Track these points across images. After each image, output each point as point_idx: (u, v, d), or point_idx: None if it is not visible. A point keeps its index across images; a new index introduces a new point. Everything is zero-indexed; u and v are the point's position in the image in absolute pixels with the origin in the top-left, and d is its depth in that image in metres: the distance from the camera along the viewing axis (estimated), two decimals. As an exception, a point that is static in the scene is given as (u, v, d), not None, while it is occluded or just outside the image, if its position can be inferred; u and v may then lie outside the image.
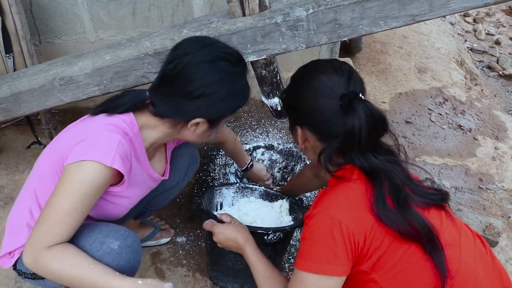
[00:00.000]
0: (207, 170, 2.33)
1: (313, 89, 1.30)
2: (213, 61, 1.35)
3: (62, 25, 2.60)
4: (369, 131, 1.22)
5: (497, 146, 2.95)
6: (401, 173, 1.24)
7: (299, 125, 1.38)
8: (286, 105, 1.45)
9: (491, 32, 5.45)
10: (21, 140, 2.70)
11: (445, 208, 1.29)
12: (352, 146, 1.24)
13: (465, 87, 3.65)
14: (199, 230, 2.19)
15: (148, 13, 2.58)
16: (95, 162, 1.26)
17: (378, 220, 1.17)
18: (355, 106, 1.21)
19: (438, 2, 1.61)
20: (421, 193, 1.26)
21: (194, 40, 1.42)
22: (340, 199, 1.22)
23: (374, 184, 1.22)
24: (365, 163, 1.24)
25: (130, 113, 1.41)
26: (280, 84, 1.90)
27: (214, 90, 1.35)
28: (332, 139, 1.27)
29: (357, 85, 1.30)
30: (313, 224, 1.21)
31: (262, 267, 1.45)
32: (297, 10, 1.64)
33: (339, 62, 1.35)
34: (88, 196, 1.27)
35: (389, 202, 1.19)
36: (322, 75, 1.29)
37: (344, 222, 1.16)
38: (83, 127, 1.41)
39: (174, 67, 1.35)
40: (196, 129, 1.43)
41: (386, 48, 3.96)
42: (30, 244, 1.25)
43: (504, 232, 2.30)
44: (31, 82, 1.89)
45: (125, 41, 1.85)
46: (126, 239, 1.35)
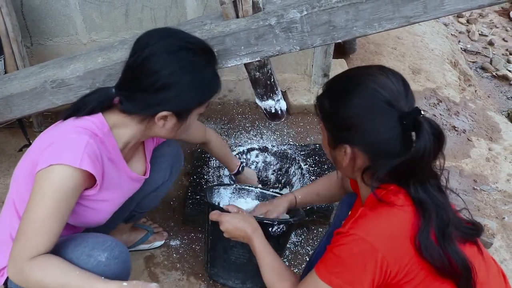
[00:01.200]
0: (201, 173, 2.32)
1: (372, 105, 1.15)
2: (173, 52, 1.31)
3: (54, 26, 2.58)
4: (435, 152, 1.12)
5: (491, 147, 2.96)
6: (448, 207, 1.16)
7: (348, 144, 1.22)
8: (329, 120, 1.27)
9: (484, 33, 5.47)
10: (12, 143, 2.67)
11: (477, 243, 1.22)
12: (413, 171, 1.13)
13: (459, 88, 3.66)
14: (193, 233, 2.17)
15: (141, 15, 2.57)
16: (63, 165, 1.23)
17: (419, 253, 1.10)
18: (423, 125, 1.09)
19: (433, 4, 1.61)
20: (460, 228, 1.17)
21: (155, 31, 1.38)
22: (381, 225, 1.13)
23: (422, 215, 1.12)
24: (421, 194, 1.13)
25: (99, 114, 1.37)
26: (274, 86, 1.89)
27: (176, 81, 1.31)
28: (386, 158, 1.15)
29: (413, 97, 1.19)
30: (347, 244, 1.13)
31: (270, 258, 1.41)
32: (291, 12, 1.63)
33: (391, 70, 1.21)
34: (62, 202, 1.24)
35: (433, 236, 1.10)
36: (380, 89, 1.15)
37: (381, 251, 1.09)
38: (51, 132, 1.37)
39: (134, 60, 1.32)
40: (165, 124, 1.39)
41: (380, 49, 3.96)
42: (12, 258, 1.23)
43: (498, 234, 2.30)
44: (23, 85, 1.86)
45: (117, 43, 1.83)
46: (113, 250, 1.33)
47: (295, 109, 2.99)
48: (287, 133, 2.83)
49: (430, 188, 1.14)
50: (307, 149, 2.50)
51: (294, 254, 2.09)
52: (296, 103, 2.98)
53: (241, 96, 3.08)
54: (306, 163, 2.39)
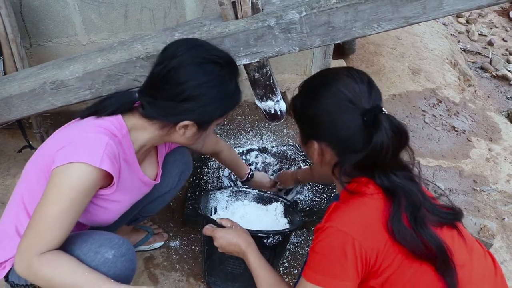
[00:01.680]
0: (200, 174, 2.32)
1: (335, 103, 1.23)
2: (200, 64, 1.32)
3: (53, 27, 2.57)
4: (394, 147, 1.18)
5: (491, 148, 2.95)
6: (419, 192, 1.21)
7: (315, 140, 1.31)
8: (300, 118, 1.37)
9: (484, 33, 5.46)
10: (12, 144, 2.67)
11: (457, 227, 1.25)
12: (375, 163, 1.19)
13: (459, 88, 3.66)
14: (192, 234, 2.17)
15: (140, 16, 2.56)
16: (83, 163, 1.23)
17: (392, 238, 1.14)
18: (381, 122, 1.17)
19: (432, 4, 1.61)
20: (435, 212, 1.22)
21: (183, 42, 1.40)
22: (354, 215, 1.18)
23: (392, 201, 1.18)
24: (386, 182, 1.20)
25: (119, 115, 1.39)
26: (273, 86, 1.89)
27: (201, 93, 1.33)
28: (351, 153, 1.22)
29: (378, 96, 1.25)
30: (325, 238, 1.18)
31: (265, 273, 1.41)
32: (290, 13, 1.63)
33: (357, 71, 1.29)
34: (78, 200, 1.25)
35: (405, 220, 1.15)
36: (343, 87, 1.23)
37: (357, 239, 1.13)
38: (70, 130, 1.38)
39: (162, 69, 1.34)
40: (186, 132, 1.41)
41: (379, 50, 3.96)
42: (21, 252, 1.23)
43: (498, 234, 2.30)
44: (22, 86, 1.86)
45: (116, 44, 1.83)
46: (120, 248, 1.34)
47: (295, 109, 2.99)
48: (286, 133, 2.82)
49: (394, 177, 1.20)
50: (306, 149, 2.49)
51: (294, 255, 2.09)
52: (296, 103, 2.97)
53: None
54: (306, 163, 2.39)
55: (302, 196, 2.22)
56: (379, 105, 1.22)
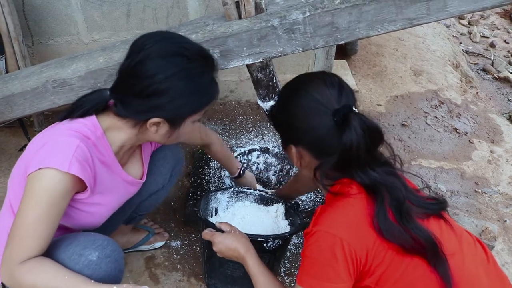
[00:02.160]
0: (202, 174, 2.31)
1: (305, 107, 1.26)
2: (167, 56, 1.27)
3: (55, 26, 2.57)
4: (366, 145, 1.19)
5: (492, 150, 2.95)
6: (401, 185, 1.22)
7: (293, 144, 1.33)
8: (277, 123, 1.41)
9: (486, 34, 5.46)
10: (13, 142, 2.66)
11: (443, 216, 1.27)
12: (350, 162, 1.21)
13: (461, 90, 3.66)
14: (193, 234, 2.17)
15: (142, 15, 2.56)
16: (52, 169, 1.21)
17: (380, 235, 1.15)
18: (350, 121, 1.18)
19: (436, 6, 1.60)
20: (420, 204, 1.23)
21: (151, 35, 1.33)
22: (340, 216, 1.20)
23: (375, 198, 1.19)
24: (365, 179, 1.21)
25: (93, 116, 1.35)
26: (276, 87, 1.89)
27: (168, 87, 1.27)
28: (328, 155, 1.24)
29: (349, 97, 1.26)
30: (314, 242, 1.19)
31: (264, 279, 1.42)
32: (293, 13, 1.62)
33: (328, 75, 1.31)
34: (53, 206, 1.22)
35: (391, 216, 1.16)
36: (313, 91, 1.25)
37: (345, 240, 1.14)
38: (45, 134, 1.35)
39: (129, 63, 1.29)
40: (158, 130, 1.36)
41: (381, 51, 3.96)
42: (4, 261, 1.23)
43: (500, 236, 2.29)
44: (24, 84, 1.86)
45: (119, 43, 1.83)
46: (104, 249, 1.31)
47: (297, 110, 2.98)
48: (288, 134, 2.82)
49: (373, 173, 1.21)
50: (308, 150, 2.49)
51: (295, 256, 2.08)
52: (298, 104, 2.97)
53: (242, 96, 3.07)
54: (308, 164, 2.39)
55: (303, 197, 2.21)
56: (349, 104, 1.23)
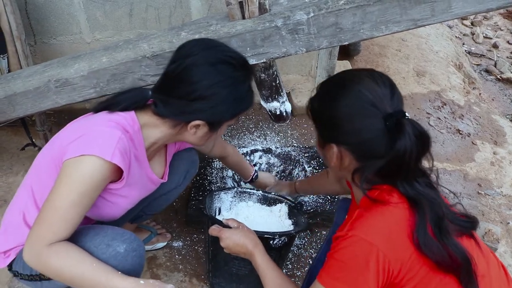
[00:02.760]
0: (204, 174, 2.31)
1: (355, 106, 1.18)
2: (214, 64, 1.33)
3: (57, 25, 2.57)
4: (418, 153, 1.14)
5: (495, 151, 2.94)
6: (441, 201, 1.17)
7: (334, 143, 1.24)
8: (318, 120, 1.31)
9: (488, 35, 5.44)
10: (15, 142, 2.66)
11: (474, 236, 1.23)
12: (399, 170, 1.15)
13: (464, 91, 3.64)
14: (195, 235, 2.16)
15: (145, 14, 2.55)
16: (94, 156, 1.24)
17: (418, 249, 1.10)
18: (404, 126, 1.11)
19: (440, 7, 1.59)
20: (455, 221, 1.18)
21: (198, 41, 1.40)
22: (379, 224, 1.14)
23: (416, 211, 1.14)
24: (410, 191, 1.15)
25: (132, 111, 1.40)
26: (279, 87, 1.88)
27: (213, 93, 1.33)
28: (372, 159, 1.17)
29: (400, 99, 1.20)
30: (347, 246, 1.14)
31: (273, 273, 1.39)
32: (297, 13, 1.61)
33: (380, 74, 1.23)
34: (88, 192, 1.26)
35: (430, 231, 1.12)
36: (364, 89, 1.17)
37: (382, 250, 1.09)
38: (83, 123, 1.39)
39: (175, 67, 1.34)
40: (197, 132, 1.41)
41: (384, 51, 3.94)
42: (31, 242, 1.25)
43: (503, 239, 2.28)
44: (26, 84, 1.85)
45: (122, 42, 1.82)
46: (132, 243, 1.36)
47: (299, 110, 2.97)
48: (291, 134, 2.81)
49: (418, 185, 1.16)
50: (311, 151, 2.48)
51: (297, 257, 2.08)
52: (300, 104, 2.96)
53: (245, 96, 3.06)
54: (310, 165, 2.38)
55: (306, 198, 2.20)
56: (402, 109, 1.17)
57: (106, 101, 1.43)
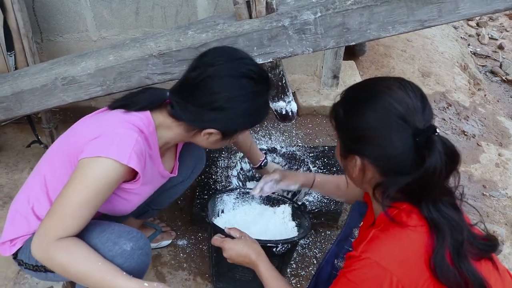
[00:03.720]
0: (209, 173, 2.31)
1: (385, 119, 1.12)
2: (236, 77, 1.34)
3: (64, 23, 2.57)
4: (447, 172, 1.09)
5: (501, 153, 2.93)
6: (464, 225, 1.12)
7: (358, 155, 1.19)
8: (342, 129, 1.25)
9: (494, 36, 5.42)
10: (21, 139, 2.67)
11: (492, 258, 1.18)
12: (425, 189, 1.10)
13: (469, 92, 3.64)
14: (200, 233, 2.17)
15: (151, 13, 2.56)
16: (111, 159, 1.26)
17: (433, 275, 1.07)
18: (435, 144, 1.06)
19: (448, 8, 1.59)
20: (476, 244, 1.13)
21: (221, 51, 1.41)
22: (395, 249, 1.09)
23: (436, 236, 1.09)
24: (434, 214, 1.10)
25: (147, 111, 1.41)
26: (285, 87, 1.88)
27: (232, 106, 1.35)
28: (397, 175, 1.12)
29: (431, 113, 1.14)
30: (360, 268, 1.10)
31: (277, 284, 1.39)
32: (304, 13, 1.62)
33: (411, 84, 1.17)
34: (101, 192, 1.28)
35: (448, 257, 1.07)
36: (395, 102, 1.11)
37: (396, 275, 1.05)
38: (100, 122, 1.40)
39: (197, 75, 1.35)
40: (209, 138, 1.43)
41: (389, 52, 3.94)
42: (40, 234, 1.26)
43: (507, 240, 2.28)
44: (33, 81, 1.86)
45: (129, 41, 1.83)
46: (138, 241, 1.37)
47: (304, 110, 2.98)
48: (295, 134, 2.81)
49: (442, 207, 1.11)
50: (316, 151, 2.48)
51: (302, 257, 2.08)
52: (306, 104, 2.97)
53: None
54: (315, 165, 2.38)
55: (310, 198, 2.20)
56: (432, 125, 1.11)
57: (123, 99, 1.44)
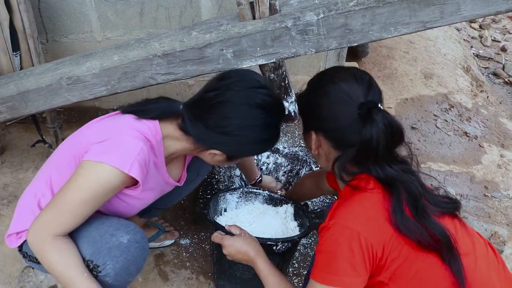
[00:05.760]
0: (211, 173, 2.32)
1: (332, 96, 1.27)
2: (251, 106, 1.35)
3: (69, 23, 2.59)
4: (387, 142, 1.20)
5: (502, 154, 2.94)
6: (417, 183, 1.23)
7: (314, 131, 1.35)
8: (301, 109, 1.42)
9: (497, 38, 5.43)
10: (25, 138, 2.69)
11: (457, 217, 1.28)
12: (368, 156, 1.22)
13: (471, 93, 3.64)
14: (203, 233, 2.18)
15: (155, 14, 2.58)
16: (113, 167, 1.29)
17: (397, 230, 1.16)
18: (374, 116, 1.19)
19: (450, 9, 1.60)
20: (436, 202, 1.23)
21: (241, 76, 1.41)
22: (357, 210, 1.20)
23: (392, 194, 1.20)
24: (381, 174, 1.22)
25: (156, 121, 1.43)
26: (288, 87, 1.89)
27: (242, 134, 1.36)
28: (347, 147, 1.25)
29: (376, 95, 1.28)
30: (330, 236, 1.19)
31: (274, 280, 1.42)
32: (307, 14, 1.63)
33: (360, 71, 1.33)
34: (100, 195, 1.31)
35: (407, 212, 1.17)
36: (342, 83, 1.27)
37: (362, 234, 1.14)
38: (109, 125, 1.43)
39: (213, 96, 1.36)
40: (214, 157, 1.46)
41: (392, 53, 3.95)
42: (37, 226, 1.30)
43: (509, 241, 2.29)
44: (39, 81, 1.88)
45: (133, 41, 1.84)
46: (136, 235, 1.39)
47: (307, 111, 2.99)
48: (298, 135, 2.83)
49: (390, 169, 1.22)
50: (318, 151, 2.49)
51: (304, 256, 2.09)
52: (308, 105, 2.97)
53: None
54: (317, 165, 2.39)
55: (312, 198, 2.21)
56: (374, 100, 1.24)
57: (135, 105, 1.47)
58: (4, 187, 2.37)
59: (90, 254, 1.35)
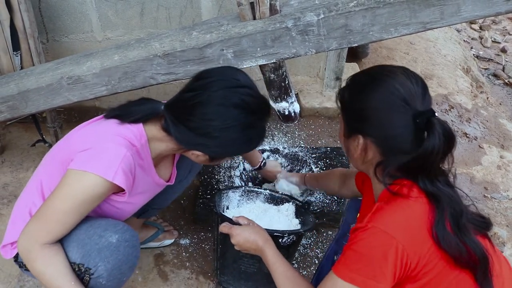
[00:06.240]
0: (211, 173, 2.32)
1: (387, 100, 1.19)
2: (229, 106, 1.32)
3: (70, 23, 2.60)
4: (444, 152, 1.16)
5: (502, 155, 2.94)
6: (459, 199, 1.20)
7: (361, 134, 1.25)
8: (347, 110, 1.32)
9: (497, 39, 5.43)
10: (25, 138, 2.70)
11: (488, 237, 1.25)
12: (423, 167, 1.16)
13: (471, 94, 3.64)
14: (202, 233, 2.18)
15: (156, 14, 2.58)
16: (97, 175, 1.28)
17: (436, 243, 1.13)
18: (435, 126, 1.13)
19: (450, 10, 1.60)
20: (471, 220, 1.20)
21: (220, 75, 1.37)
22: (399, 217, 1.15)
23: (436, 206, 1.15)
24: (429, 187, 1.17)
25: (140, 124, 1.42)
26: (288, 88, 1.90)
27: (223, 136, 1.35)
28: (397, 154, 1.19)
29: (431, 101, 1.22)
30: (366, 238, 1.15)
31: (283, 268, 1.40)
32: (308, 15, 1.63)
33: (413, 73, 1.24)
34: (87, 203, 1.32)
35: (448, 227, 1.13)
36: (396, 84, 1.19)
37: (401, 243, 1.10)
38: (93, 132, 1.42)
39: (191, 97, 1.34)
40: (198, 157, 1.45)
41: (392, 54, 3.95)
42: (25, 235, 1.31)
43: (508, 242, 2.29)
44: (39, 80, 1.88)
45: (134, 41, 1.85)
46: (124, 233, 1.38)
47: (307, 111, 3.00)
48: (298, 135, 2.83)
49: (438, 183, 1.17)
50: (318, 152, 2.50)
51: (303, 257, 2.09)
52: (308, 105, 2.98)
53: (253, 97, 3.07)
54: (317, 166, 2.40)
55: (313, 198, 2.22)
56: (432, 108, 1.19)
57: (118, 109, 1.45)
58: (4, 186, 2.38)
59: (80, 258, 1.34)
